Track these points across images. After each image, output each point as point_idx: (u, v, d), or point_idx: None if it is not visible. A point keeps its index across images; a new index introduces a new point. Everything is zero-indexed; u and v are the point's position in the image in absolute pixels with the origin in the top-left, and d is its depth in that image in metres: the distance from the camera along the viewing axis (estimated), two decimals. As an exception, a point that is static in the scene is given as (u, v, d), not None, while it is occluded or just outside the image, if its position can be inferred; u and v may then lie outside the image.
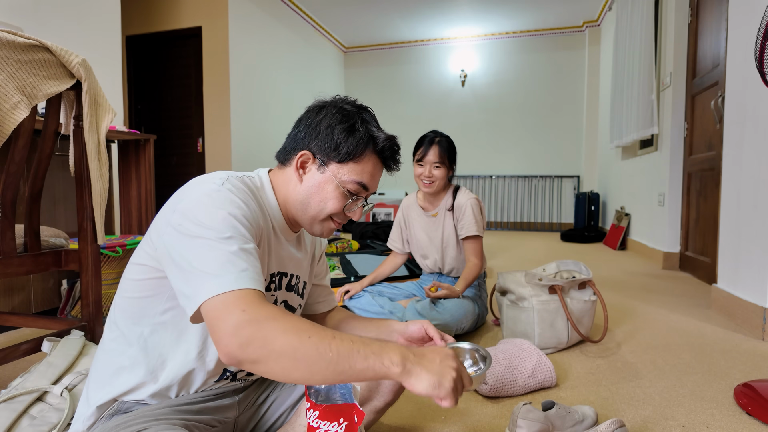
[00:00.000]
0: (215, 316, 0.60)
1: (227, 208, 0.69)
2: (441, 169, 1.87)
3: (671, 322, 2.08)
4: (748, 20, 2.01)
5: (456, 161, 1.94)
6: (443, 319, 1.73)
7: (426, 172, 1.87)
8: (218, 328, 0.59)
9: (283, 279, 0.87)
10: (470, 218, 1.89)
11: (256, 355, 0.59)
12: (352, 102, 0.85)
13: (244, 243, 0.67)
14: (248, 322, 0.59)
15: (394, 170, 0.87)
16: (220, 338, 0.59)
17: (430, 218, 2.00)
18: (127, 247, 2.05)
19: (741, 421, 1.19)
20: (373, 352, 0.61)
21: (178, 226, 0.67)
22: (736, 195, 2.11)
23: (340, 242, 3.62)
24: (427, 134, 1.92)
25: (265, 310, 0.61)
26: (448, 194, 1.99)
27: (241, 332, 0.58)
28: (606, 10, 5.68)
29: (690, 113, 3.25)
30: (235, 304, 0.60)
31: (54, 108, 1.25)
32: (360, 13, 6.01)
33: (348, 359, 0.60)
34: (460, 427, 1.15)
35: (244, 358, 0.59)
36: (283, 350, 0.58)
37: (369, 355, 0.61)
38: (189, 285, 0.63)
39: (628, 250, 4.52)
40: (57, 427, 0.92)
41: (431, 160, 1.86)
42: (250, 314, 0.60)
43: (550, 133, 6.67)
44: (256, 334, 0.59)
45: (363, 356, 0.60)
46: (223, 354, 0.59)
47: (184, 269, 0.64)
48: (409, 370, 0.62)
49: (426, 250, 2.02)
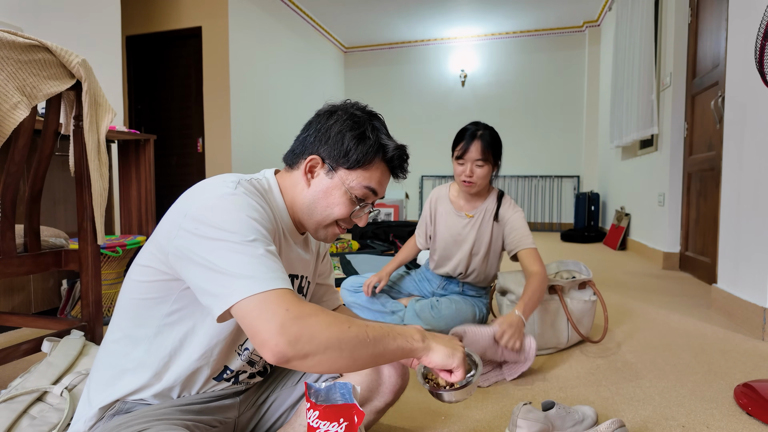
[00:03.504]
0: (256, 316, 0.61)
1: (246, 211, 0.69)
2: (485, 167, 1.66)
3: (671, 322, 2.08)
4: (748, 20, 2.01)
5: (501, 156, 1.72)
6: (438, 326, 1.71)
7: (467, 171, 1.66)
8: (262, 327, 0.60)
9: (294, 282, 0.88)
10: (521, 228, 1.70)
11: (305, 350, 0.61)
12: (362, 108, 0.85)
13: (268, 245, 0.68)
14: (294, 320, 0.61)
15: (401, 178, 0.88)
16: (266, 338, 0.60)
17: (463, 218, 1.81)
18: (127, 247, 2.05)
19: (741, 421, 1.19)
20: (400, 333, 0.72)
21: (194, 229, 0.67)
22: (736, 195, 2.11)
23: (340, 242, 3.62)
24: (467, 127, 1.70)
25: (306, 308, 0.64)
26: (491, 197, 1.79)
27: (288, 330, 0.60)
28: (606, 10, 5.68)
29: (690, 113, 3.25)
30: (277, 303, 0.62)
31: (54, 108, 1.25)
32: (360, 13, 6.01)
33: (383, 342, 0.69)
34: (460, 427, 1.15)
35: (294, 355, 0.61)
36: (330, 342, 0.63)
37: (397, 336, 0.71)
38: (217, 285, 0.63)
39: (628, 250, 4.52)
40: (57, 427, 0.92)
41: (473, 157, 1.65)
42: (293, 312, 0.62)
43: (550, 133, 6.67)
44: (303, 330, 0.61)
45: (392, 338, 0.70)
46: (272, 353, 0.60)
47: (210, 269, 0.64)
48: (428, 345, 0.75)
49: (450, 251, 1.84)
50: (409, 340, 0.72)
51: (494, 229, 1.78)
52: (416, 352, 0.73)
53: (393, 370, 0.91)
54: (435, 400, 1.28)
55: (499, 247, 1.81)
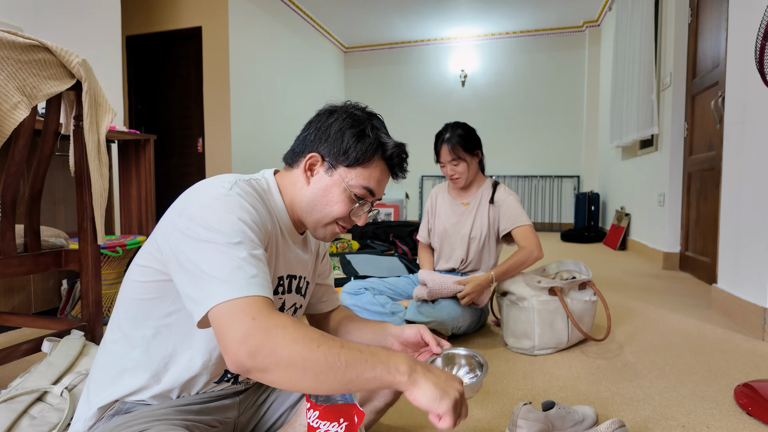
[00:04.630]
0: (224, 323, 0.60)
1: (237, 213, 0.69)
2: (460, 163, 1.83)
3: (671, 322, 2.08)
4: (748, 20, 2.01)
5: (478, 146, 1.86)
6: (439, 316, 1.72)
7: (449, 171, 1.86)
8: (227, 334, 0.59)
9: (293, 282, 0.88)
10: (515, 208, 1.82)
11: (264, 364, 0.58)
12: (362, 108, 0.85)
13: (253, 249, 0.67)
14: (257, 330, 0.58)
15: (400, 177, 0.87)
16: (228, 345, 0.59)
17: (459, 206, 1.94)
18: (127, 247, 2.05)
19: (741, 421, 1.19)
20: (381, 362, 0.62)
21: (186, 229, 0.67)
22: (736, 195, 2.11)
23: (340, 242, 3.62)
24: (439, 132, 1.88)
25: (275, 319, 0.60)
26: (486, 186, 1.93)
27: (249, 340, 0.58)
28: (606, 10, 5.68)
29: (690, 113, 3.25)
30: (244, 311, 0.60)
31: (54, 108, 1.25)
32: (360, 13, 6.01)
33: (356, 368, 0.60)
34: (460, 427, 1.15)
35: (252, 367, 0.58)
36: (292, 360, 0.58)
37: (377, 365, 0.62)
38: (197, 289, 0.63)
39: (628, 250, 4.52)
40: (57, 427, 0.92)
41: (446, 160, 1.84)
42: (259, 322, 0.59)
43: (550, 133, 6.67)
44: (264, 343, 0.58)
45: (371, 366, 0.61)
46: (231, 362, 0.59)
47: (193, 273, 0.64)
48: (415, 380, 0.63)
49: (450, 238, 1.93)
50: (392, 371, 0.62)
51: (491, 212, 1.89)
52: (397, 386, 0.63)
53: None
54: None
55: (495, 231, 1.91)
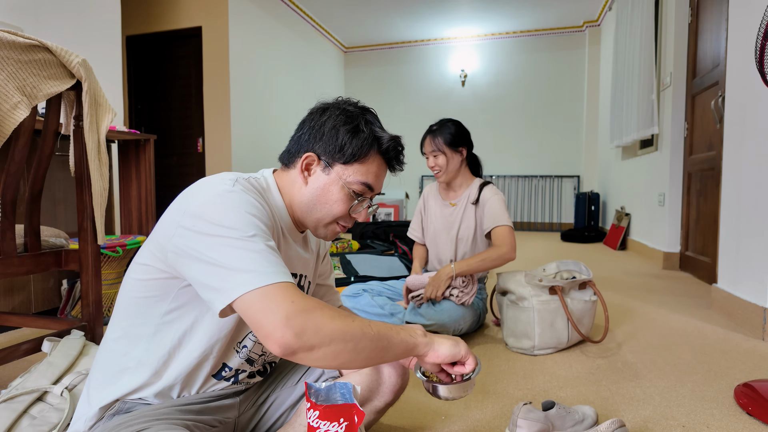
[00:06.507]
0: (260, 309, 0.61)
1: (245, 207, 0.69)
2: (440, 156, 1.86)
3: (671, 322, 2.08)
4: (748, 20, 2.01)
5: (465, 143, 1.89)
6: (441, 319, 1.72)
7: (430, 163, 1.90)
8: (265, 320, 0.61)
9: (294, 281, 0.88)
10: (497, 209, 1.81)
11: (311, 342, 0.62)
12: (354, 103, 0.85)
13: (267, 240, 0.68)
14: (299, 313, 0.62)
15: (398, 170, 0.88)
16: (272, 330, 0.60)
17: (448, 207, 1.97)
18: (127, 247, 2.05)
19: (741, 421, 1.19)
20: (402, 329, 0.74)
21: (193, 226, 0.67)
22: (736, 195, 2.11)
23: (340, 242, 3.62)
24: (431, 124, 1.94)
25: (310, 301, 0.64)
26: (473, 186, 1.94)
27: (293, 322, 0.61)
28: (606, 10, 5.68)
29: (690, 113, 3.25)
30: (281, 296, 0.62)
31: (54, 108, 1.25)
32: (360, 13, 6.01)
33: (386, 336, 0.70)
34: (460, 427, 1.15)
35: (300, 346, 0.61)
36: (335, 334, 0.63)
37: (400, 331, 0.73)
38: (219, 279, 0.63)
39: (628, 250, 4.52)
40: (57, 427, 0.92)
41: (428, 150, 1.89)
42: (298, 305, 0.62)
43: (550, 133, 6.66)
44: (308, 322, 0.62)
45: (396, 332, 0.72)
46: (278, 344, 0.61)
47: (210, 264, 0.64)
48: (432, 339, 0.76)
49: (439, 240, 1.97)
50: (413, 336, 0.74)
51: (476, 212, 1.91)
52: (420, 347, 0.74)
53: (393, 370, 0.91)
54: (435, 400, 1.28)
55: (482, 231, 1.92)
